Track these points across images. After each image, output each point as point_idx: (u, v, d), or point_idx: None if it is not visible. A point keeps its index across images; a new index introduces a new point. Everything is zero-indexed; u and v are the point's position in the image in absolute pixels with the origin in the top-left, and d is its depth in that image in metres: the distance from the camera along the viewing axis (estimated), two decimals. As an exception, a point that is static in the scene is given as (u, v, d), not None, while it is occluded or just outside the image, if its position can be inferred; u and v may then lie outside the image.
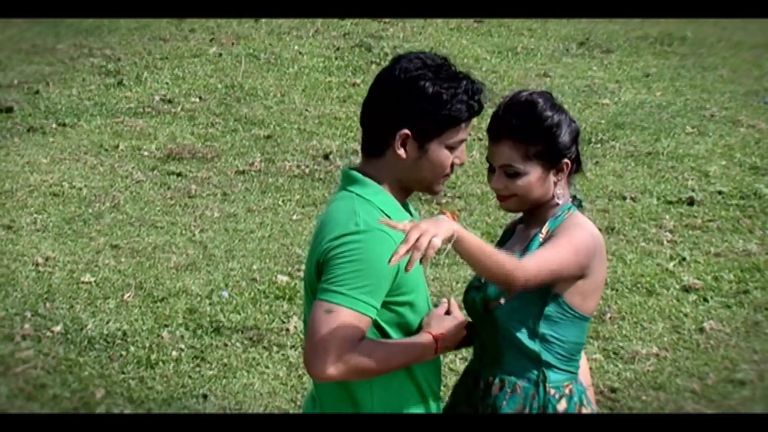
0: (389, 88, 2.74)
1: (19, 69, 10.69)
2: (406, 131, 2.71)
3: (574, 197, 2.92)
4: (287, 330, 5.52)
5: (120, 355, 5.28)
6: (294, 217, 7.12)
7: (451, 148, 2.73)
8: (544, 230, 2.84)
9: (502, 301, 2.81)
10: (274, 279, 6.09)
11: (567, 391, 2.86)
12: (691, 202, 7.27)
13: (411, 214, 2.84)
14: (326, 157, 8.20)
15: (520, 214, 3.00)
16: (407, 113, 2.71)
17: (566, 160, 2.83)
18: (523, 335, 2.82)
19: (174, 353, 5.28)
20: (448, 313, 2.78)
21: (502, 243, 3.01)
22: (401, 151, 2.73)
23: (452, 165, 2.77)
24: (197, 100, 9.62)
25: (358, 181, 2.77)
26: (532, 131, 2.79)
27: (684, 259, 6.43)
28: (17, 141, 8.57)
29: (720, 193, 7.41)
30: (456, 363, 5.01)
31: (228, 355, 5.29)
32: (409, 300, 2.73)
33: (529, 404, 2.81)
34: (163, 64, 10.64)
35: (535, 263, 2.69)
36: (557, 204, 2.85)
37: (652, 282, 6.10)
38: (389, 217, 2.69)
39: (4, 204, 7.26)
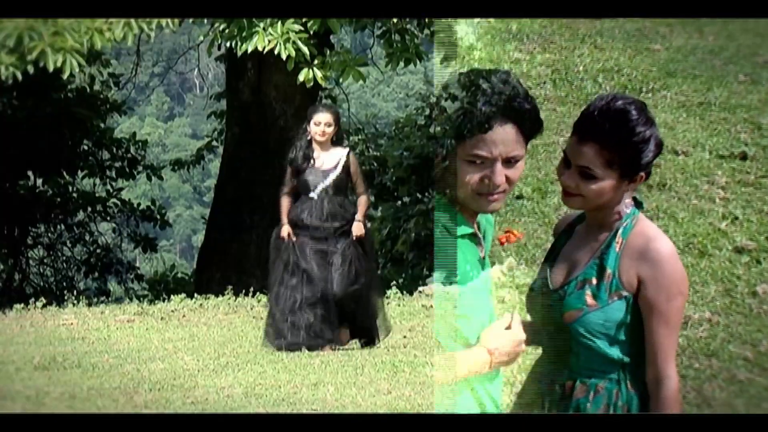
0: None
1: None
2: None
3: (634, 198, 2.92)
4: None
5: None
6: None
7: (470, 163, 2.65)
8: (618, 240, 2.83)
9: (583, 312, 2.83)
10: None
11: None
12: (743, 156, 7.21)
13: (468, 225, 2.75)
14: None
15: (573, 213, 2.99)
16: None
17: (642, 173, 2.83)
18: (604, 343, 2.83)
19: None
20: (509, 327, 2.79)
21: (558, 245, 2.99)
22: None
23: (488, 183, 2.64)
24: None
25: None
26: (621, 142, 2.77)
27: (736, 218, 6.41)
28: None
29: (774, 147, 7.35)
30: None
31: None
32: (464, 313, 2.72)
33: (612, 403, 2.85)
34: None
35: (671, 361, 2.76)
36: (622, 212, 2.86)
37: (704, 242, 6.09)
38: (447, 231, 2.71)
39: None
